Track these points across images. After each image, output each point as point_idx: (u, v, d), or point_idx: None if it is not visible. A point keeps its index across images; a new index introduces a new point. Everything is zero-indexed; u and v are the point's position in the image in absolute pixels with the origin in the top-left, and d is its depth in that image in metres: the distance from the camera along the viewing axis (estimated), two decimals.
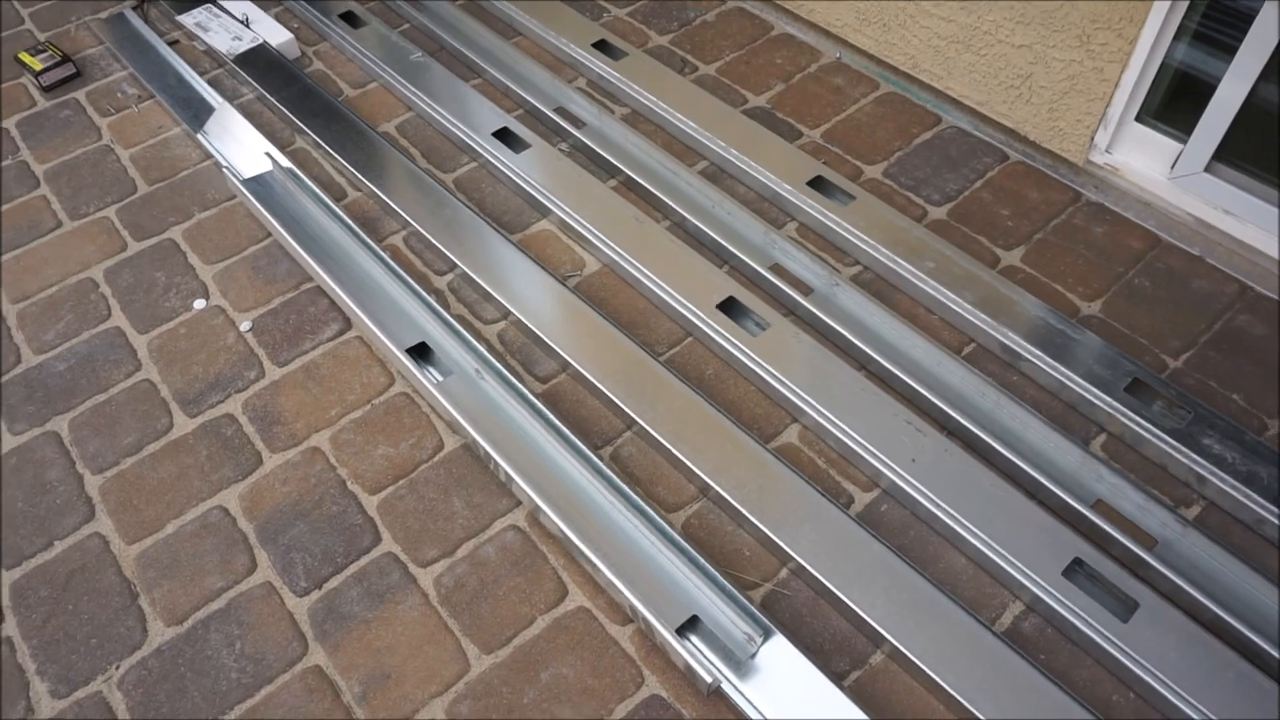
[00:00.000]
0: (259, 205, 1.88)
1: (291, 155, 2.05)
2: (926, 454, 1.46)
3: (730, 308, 1.70)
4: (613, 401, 1.57)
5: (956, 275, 1.70)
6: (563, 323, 1.68)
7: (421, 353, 1.65)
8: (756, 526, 1.40)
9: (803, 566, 1.36)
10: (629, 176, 1.94)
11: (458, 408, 1.53)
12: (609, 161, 1.97)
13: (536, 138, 2.02)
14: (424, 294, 1.70)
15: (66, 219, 1.97)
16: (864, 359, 1.63)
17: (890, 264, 1.74)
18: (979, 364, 1.62)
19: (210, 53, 2.33)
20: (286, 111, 2.12)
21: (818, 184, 1.89)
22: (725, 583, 1.32)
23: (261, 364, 1.68)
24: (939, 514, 1.40)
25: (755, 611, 1.29)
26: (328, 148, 2.03)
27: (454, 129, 2.06)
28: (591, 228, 1.83)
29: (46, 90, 2.27)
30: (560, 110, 2.09)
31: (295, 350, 1.70)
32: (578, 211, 1.86)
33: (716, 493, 1.45)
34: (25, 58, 2.29)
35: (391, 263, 1.75)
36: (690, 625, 1.30)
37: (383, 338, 1.63)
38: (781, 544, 1.38)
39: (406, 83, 2.17)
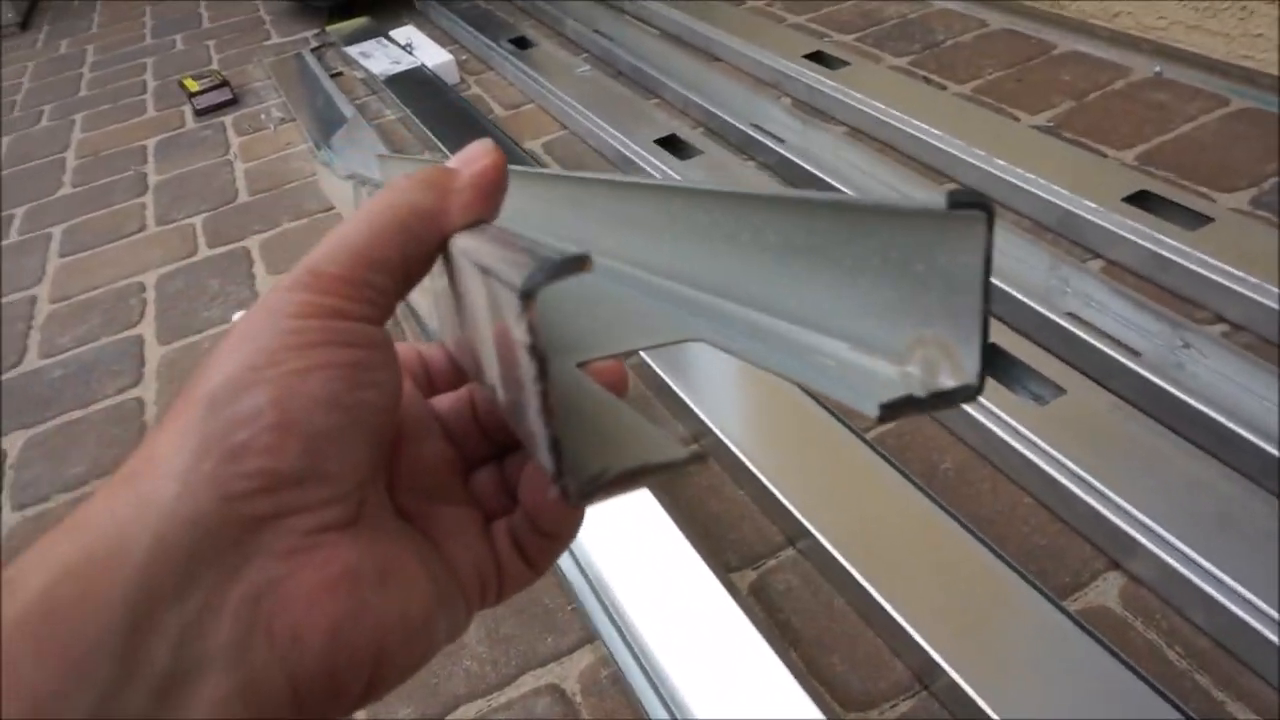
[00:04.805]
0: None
1: None
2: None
3: None
4: None
5: None
6: None
7: None
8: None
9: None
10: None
11: None
12: (814, 176, 1.40)
13: (713, 145, 1.49)
14: None
15: (152, 224, 1.66)
16: None
17: None
18: None
19: (367, 79, 2.07)
20: (424, 127, 1.75)
21: (1140, 200, 1.20)
22: None
23: None
24: None
25: None
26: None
27: (609, 139, 1.58)
28: None
29: (199, 114, 2.07)
30: (756, 127, 1.57)
31: None
32: None
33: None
34: (187, 82, 2.13)
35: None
36: None
37: None
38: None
39: (565, 97, 1.75)
